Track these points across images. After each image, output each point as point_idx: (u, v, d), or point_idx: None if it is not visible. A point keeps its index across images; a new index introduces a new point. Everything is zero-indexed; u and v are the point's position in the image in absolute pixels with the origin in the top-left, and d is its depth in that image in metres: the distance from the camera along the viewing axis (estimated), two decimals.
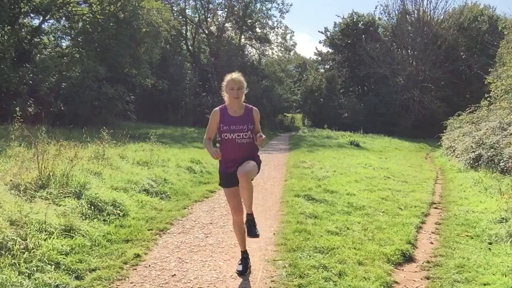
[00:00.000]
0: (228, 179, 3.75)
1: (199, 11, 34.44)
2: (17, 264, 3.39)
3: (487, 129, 11.01)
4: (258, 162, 3.82)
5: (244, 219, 3.84)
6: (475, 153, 10.16)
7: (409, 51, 32.99)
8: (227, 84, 3.70)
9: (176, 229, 5.04)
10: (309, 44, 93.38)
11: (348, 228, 5.10)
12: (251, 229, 3.75)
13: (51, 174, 5.45)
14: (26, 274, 3.32)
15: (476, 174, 8.94)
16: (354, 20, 35.57)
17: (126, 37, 18.55)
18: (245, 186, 3.56)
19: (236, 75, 3.72)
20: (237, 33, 36.04)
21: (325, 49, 39.38)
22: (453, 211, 6.25)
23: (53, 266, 3.55)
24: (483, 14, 31.67)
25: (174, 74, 27.74)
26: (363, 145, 19.37)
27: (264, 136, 3.65)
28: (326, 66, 40.29)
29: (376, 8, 66.10)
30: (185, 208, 6.06)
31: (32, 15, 18.75)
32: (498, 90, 14.51)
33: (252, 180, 3.70)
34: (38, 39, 19.39)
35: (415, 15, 31.63)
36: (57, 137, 6.74)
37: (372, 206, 6.37)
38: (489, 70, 17.83)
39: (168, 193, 6.85)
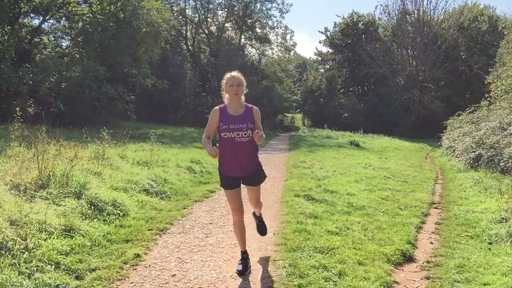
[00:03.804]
0: (229, 182, 3.77)
1: (199, 11, 34.44)
2: (17, 264, 3.38)
3: (487, 129, 11.00)
4: (260, 168, 3.89)
5: (249, 219, 4.07)
6: (475, 153, 10.17)
7: (409, 51, 33.01)
8: (227, 82, 3.74)
9: (176, 229, 5.04)
10: (308, 44, 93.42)
11: (348, 228, 5.09)
12: (263, 228, 4.29)
13: (51, 174, 5.45)
14: (26, 274, 3.32)
15: (476, 174, 8.94)
16: (354, 20, 35.60)
17: (126, 37, 18.52)
18: (257, 209, 4.21)
19: (235, 72, 3.77)
20: (237, 33, 36.05)
21: (325, 49, 39.53)
22: (453, 211, 6.25)
23: (53, 266, 3.55)
24: (483, 14, 31.69)
25: (174, 74, 27.72)
26: (363, 145, 19.35)
27: (262, 133, 3.60)
28: (326, 66, 40.35)
29: (376, 8, 66.37)
30: (185, 208, 6.06)
31: (32, 15, 18.73)
32: (498, 90, 14.53)
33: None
34: (38, 39, 19.36)
35: (415, 15, 31.65)
36: (57, 137, 6.74)
37: (372, 206, 6.37)
38: (489, 70, 17.85)
39: (168, 193, 6.85)
